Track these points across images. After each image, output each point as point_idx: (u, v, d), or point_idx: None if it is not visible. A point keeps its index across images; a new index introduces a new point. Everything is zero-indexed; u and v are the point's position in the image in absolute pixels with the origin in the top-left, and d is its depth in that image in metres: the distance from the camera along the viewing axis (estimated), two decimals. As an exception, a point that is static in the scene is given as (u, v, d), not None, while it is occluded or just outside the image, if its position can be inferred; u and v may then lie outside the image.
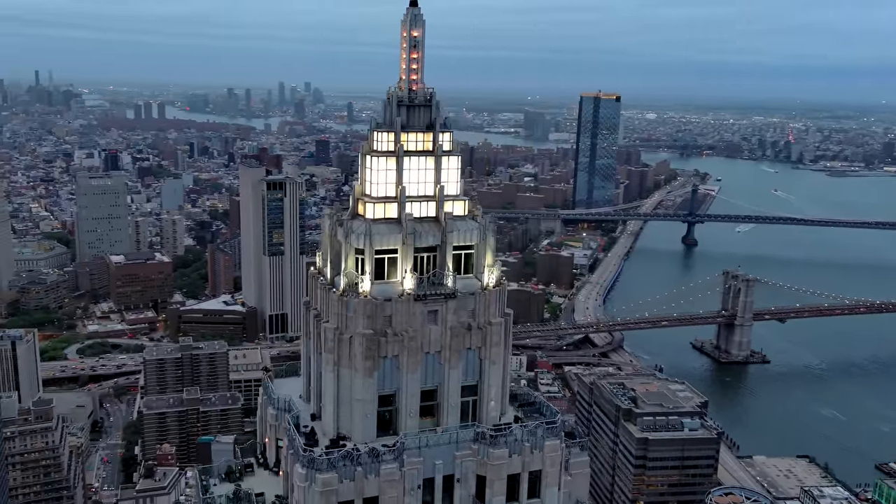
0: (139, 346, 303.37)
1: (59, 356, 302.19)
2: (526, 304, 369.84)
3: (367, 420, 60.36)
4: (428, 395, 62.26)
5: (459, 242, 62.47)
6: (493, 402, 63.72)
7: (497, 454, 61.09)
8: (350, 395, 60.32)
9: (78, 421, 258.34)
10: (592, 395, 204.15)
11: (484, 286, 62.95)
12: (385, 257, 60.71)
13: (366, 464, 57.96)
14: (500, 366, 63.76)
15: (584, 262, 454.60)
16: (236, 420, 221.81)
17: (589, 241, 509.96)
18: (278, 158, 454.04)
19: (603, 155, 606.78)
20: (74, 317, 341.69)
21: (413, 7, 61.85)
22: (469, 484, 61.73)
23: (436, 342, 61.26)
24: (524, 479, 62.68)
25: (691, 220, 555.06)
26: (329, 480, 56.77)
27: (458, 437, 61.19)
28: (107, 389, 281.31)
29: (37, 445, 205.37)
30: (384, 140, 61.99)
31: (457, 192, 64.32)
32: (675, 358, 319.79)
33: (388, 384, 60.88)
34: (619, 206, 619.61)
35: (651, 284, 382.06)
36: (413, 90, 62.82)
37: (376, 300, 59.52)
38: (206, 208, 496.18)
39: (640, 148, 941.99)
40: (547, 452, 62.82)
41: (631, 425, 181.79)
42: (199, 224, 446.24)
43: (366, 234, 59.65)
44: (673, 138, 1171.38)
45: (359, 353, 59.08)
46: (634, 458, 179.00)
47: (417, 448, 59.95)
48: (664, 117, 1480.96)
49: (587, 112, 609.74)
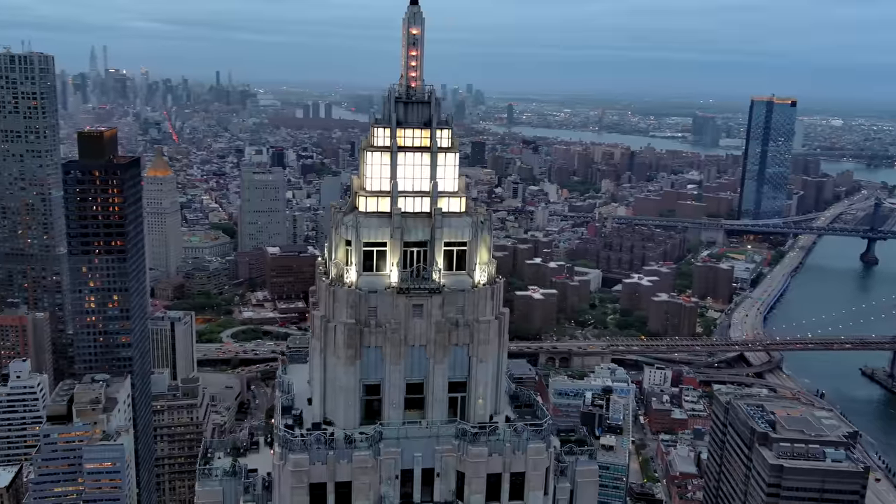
0: (286, 334, 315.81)
1: (215, 339, 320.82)
2: (675, 317, 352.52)
3: (348, 407, 61.66)
4: (415, 387, 62.86)
5: (451, 239, 62.58)
6: (482, 401, 63.37)
7: (476, 452, 60.89)
8: (335, 381, 61.78)
9: (226, 401, 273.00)
10: (727, 416, 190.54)
11: (475, 284, 62.69)
12: (374, 250, 61.87)
13: (339, 448, 59.38)
14: (490, 364, 63.31)
15: (745, 276, 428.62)
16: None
17: (753, 254, 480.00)
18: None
19: (774, 163, 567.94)
20: (232, 303, 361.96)
21: (413, 6, 62.61)
22: (449, 479, 61.87)
23: (421, 336, 61.82)
24: (506, 479, 62.02)
25: (872, 237, 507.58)
26: (300, 461, 58.67)
27: (439, 431, 61.56)
28: (255, 373, 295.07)
29: (182, 420, 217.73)
30: (380, 135, 63.24)
31: (454, 189, 64.33)
32: (840, 384, 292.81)
33: (372, 374, 62.07)
34: (791, 218, 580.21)
35: (819, 304, 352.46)
36: (412, 87, 63.58)
37: (360, 291, 60.89)
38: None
39: (821, 157, 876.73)
40: (530, 455, 61.84)
41: (766, 450, 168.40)
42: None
43: (354, 226, 61.16)
44: (859, 147, 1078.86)
45: (341, 342, 60.65)
46: (767, 486, 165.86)
47: (396, 439, 60.84)
48: (851, 124, 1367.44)
49: (758, 117, 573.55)
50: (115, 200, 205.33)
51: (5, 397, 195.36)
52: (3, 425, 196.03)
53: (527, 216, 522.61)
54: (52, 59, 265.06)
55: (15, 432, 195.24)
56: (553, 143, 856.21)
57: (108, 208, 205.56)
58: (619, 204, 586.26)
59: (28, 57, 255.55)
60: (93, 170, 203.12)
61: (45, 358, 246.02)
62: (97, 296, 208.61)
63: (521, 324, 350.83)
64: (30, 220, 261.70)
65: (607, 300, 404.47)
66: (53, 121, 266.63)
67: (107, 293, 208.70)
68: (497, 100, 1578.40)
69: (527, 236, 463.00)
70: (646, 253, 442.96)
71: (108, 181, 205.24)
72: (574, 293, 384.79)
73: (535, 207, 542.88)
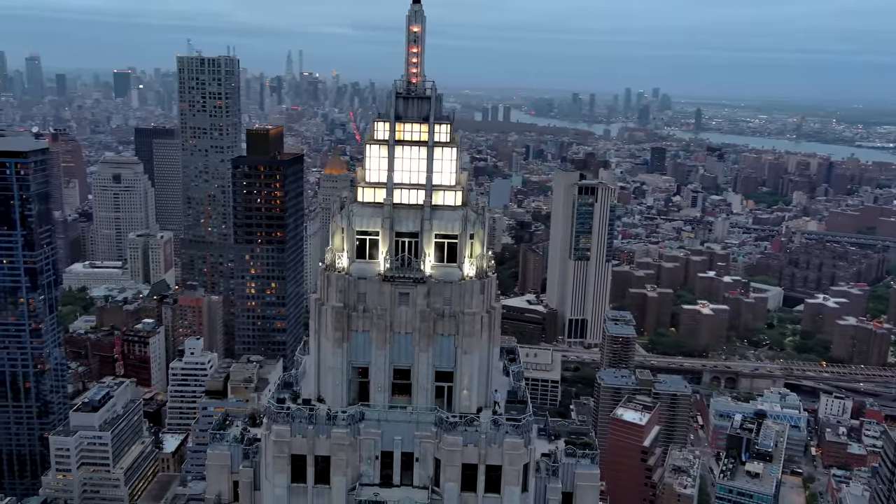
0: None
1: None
2: (864, 343, 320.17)
3: (336, 387, 64.66)
4: (403, 373, 64.93)
5: (441, 231, 64.11)
6: (466, 392, 64.40)
7: (451, 440, 62.21)
8: (325, 362, 65.11)
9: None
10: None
11: (463, 276, 63.94)
12: (367, 238, 64.62)
13: (320, 424, 62.74)
14: (475, 357, 64.14)
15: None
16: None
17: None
18: (604, 164, 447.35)
19: None
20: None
21: (415, 4, 64.86)
22: (427, 465, 63.64)
23: (407, 324, 63.94)
24: (482, 471, 62.98)
25: None
26: (282, 432, 62.71)
27: (419, 417, 63.44)
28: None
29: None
30: (381, 129, 65.73)
31: (451, 183, 65.62)
32: None
33: (361, 357, 64.80)
34: None
35: None
36: (412, 83, 65.79)
37: (350, 276, 64.00)
38: (529, 209, 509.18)
39: None
40: (506, 449, 62.43)
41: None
42: (519, 224, 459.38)
43: (347, 215, 64.40)
44: None
45: (329, 324, 63.89)
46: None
47: (377, 420, 63.49)
48: None
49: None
50: (277, 194, 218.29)
51: (180, 371, 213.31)
52: (176, 397, 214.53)
53: (705, 227, 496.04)
54: (237, 62, 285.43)
55: (186, 403, 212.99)
56: (742, 151, 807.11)
57: (270, 201, 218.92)
58: (811, 218, 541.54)
59: (216, 60, 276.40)
60: (258, 165, 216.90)
61: (217, 338, 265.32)
62: (257, 282, 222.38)
63: (687, 339, 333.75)
64: (211, 210, 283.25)
65: (787, 320, 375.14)
66: (236, 119, 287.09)
67: (266, 280, 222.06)
68: (685, 104, 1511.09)
69: (702, 248, 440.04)
70: (836, 272, 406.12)
71: (272, 176, 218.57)
72: (749, 310, 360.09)
73: (714, 218, 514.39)
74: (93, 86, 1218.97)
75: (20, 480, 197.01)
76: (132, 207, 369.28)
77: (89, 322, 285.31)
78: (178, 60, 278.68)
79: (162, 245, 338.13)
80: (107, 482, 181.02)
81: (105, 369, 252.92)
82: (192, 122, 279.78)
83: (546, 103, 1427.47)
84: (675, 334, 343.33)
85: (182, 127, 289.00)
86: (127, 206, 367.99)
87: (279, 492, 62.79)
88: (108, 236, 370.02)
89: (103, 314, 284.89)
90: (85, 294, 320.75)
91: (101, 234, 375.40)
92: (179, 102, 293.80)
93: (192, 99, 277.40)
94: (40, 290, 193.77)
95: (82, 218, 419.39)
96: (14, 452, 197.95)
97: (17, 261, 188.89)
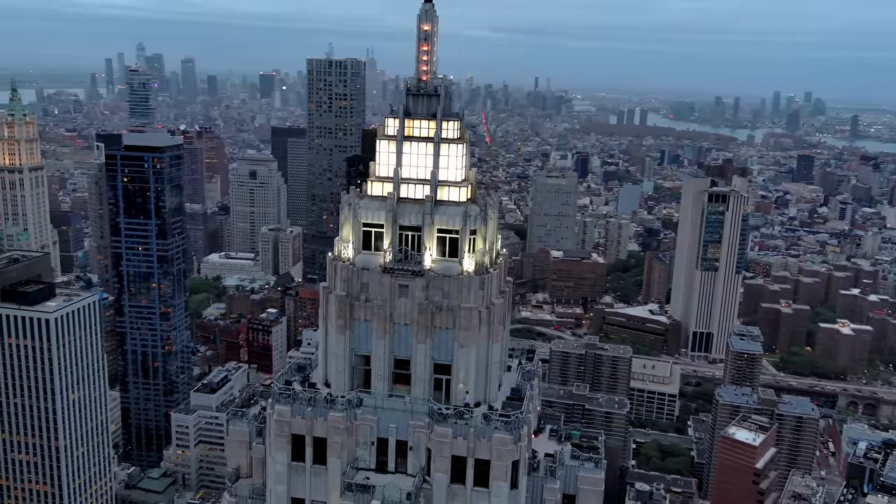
0: (560, 337, 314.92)
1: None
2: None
3: (338, 373, 67.00)
4: (403, 364, 66.58)
5: (443, 226, 65.29)
6: (463, 385, 65.23)
7: (441, 431, 63.18)
8: (330, 348, 67.52)
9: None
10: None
11: (462, 271, 64.71)
12: (373, 231, 66.58)
13: (317, 407, 65.24)
14: (473, 352, 64.56)
15: None
16: (620, 425, 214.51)
17: None
18: (742, 171, 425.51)
19: None
20: (513, 301, 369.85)
21: (426, 3, 66.32)
22: (420, 454, 65.06)
23: (407, 315, 65.43)
24: (470, 464, 63.66)
25: None
26: (283, 412, 65.76)
27: (414, 407, 64.82)
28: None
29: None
30: (391, 125, 67.37)
31: (457, 179, 66.69)
32: None
33: (363, 345, 66.90)
34: None
35: None
36: (422, 80, 67.27)
37: (354, 266, 65.99)
38: (660, 216, 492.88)
39: None
40: (495, 444, 62.88)
41: None
42: (647, 231, 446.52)
43: (353, 207, 66.47)
44: None
45: (333, 312, 66.45)
46: None
47: (374, 407, 65.41)
48: None
49: None
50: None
51: (295, 361, 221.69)
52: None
53: (852, 241, 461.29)
54: (364, 64, 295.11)
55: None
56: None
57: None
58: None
59: (342, 62, 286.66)
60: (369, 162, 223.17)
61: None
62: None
63: (823, 360, 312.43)
64: (333, 207, 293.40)
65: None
66: (360, 119, 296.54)
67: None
68: (840, 109, 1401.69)
69: (847, 263, 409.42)
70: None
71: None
72: (895, 332, 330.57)
73: (864, 232, 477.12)
74: (240, 87, 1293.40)
75: (147, 453, 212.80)
76: (266, 203, 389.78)
77: (220, 309, 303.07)
78: (308, 63, 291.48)
79: (291, 239, 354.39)
80: (221, 461, 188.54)
81: (231, 354, 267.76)
82: (319, 121, 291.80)
83: (686, 107, 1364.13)
84: (811, 354, 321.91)
85: (309, 126, 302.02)
86: (261, 202, 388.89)
87: (280, 468, 65.85)
88: (243, 229, 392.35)
89: (232, 302, 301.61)
90: (219, 283, 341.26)
91: (236, 227, 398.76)
92: (308, 103, 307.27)
93: (320, 100, 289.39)
94: (171, 277, 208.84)
95: (221, 211, 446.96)
96: (143, 426, 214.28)
97: (151, 248, 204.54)
